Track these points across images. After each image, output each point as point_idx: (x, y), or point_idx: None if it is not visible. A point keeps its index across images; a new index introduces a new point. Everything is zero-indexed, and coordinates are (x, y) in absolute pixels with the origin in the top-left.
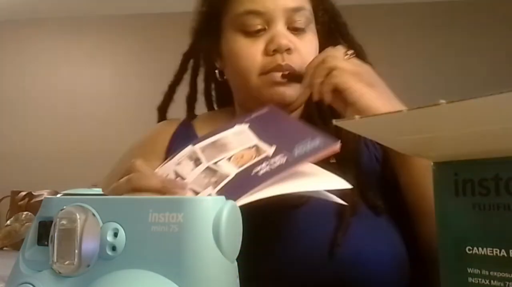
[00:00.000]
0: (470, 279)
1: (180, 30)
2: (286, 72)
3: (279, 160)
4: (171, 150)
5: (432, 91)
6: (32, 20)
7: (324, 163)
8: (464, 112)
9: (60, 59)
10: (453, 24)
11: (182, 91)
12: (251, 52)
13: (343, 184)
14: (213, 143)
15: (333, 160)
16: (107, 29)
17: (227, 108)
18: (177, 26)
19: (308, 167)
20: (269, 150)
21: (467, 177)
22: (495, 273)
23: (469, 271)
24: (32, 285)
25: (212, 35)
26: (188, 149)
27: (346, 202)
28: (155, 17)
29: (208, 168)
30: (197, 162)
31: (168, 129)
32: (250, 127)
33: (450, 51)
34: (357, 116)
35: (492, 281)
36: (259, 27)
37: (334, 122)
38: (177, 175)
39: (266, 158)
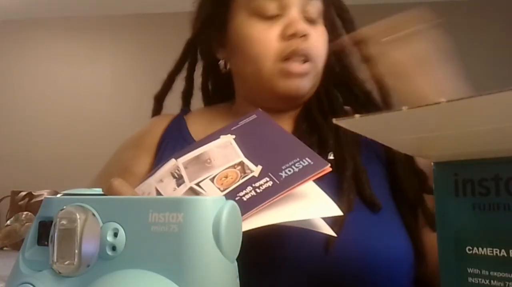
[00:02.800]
0: (470, 279)
1: (180, 30)
2: (302, 58)
3: (266, 184)
4: (163, 145)
5: None
6: (32, 20)
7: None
8: (464, 111)
9: (60, 59)
10: (452, 24)
11: (179, 83)
12: (266, 37)
13: (334, 210)
14: (197, 157)
15: (331, 157)
16: (106, 29)
17: (222, 104)
18: (177, 26)
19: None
20: (255, 169)
21: (467, 177)
22: (495, 273)
23: (469, 271)
24: (32, 285)
25: (219, 22)
26: (171, 163)
27: (342, 199)
28: (155, 17)
29: (190, 189)
30: (179, 181)
31: (159, 124)
32: (236, 139)
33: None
34: (357, 115)
35: (492, 281)
36: (275, 11)
37: (335, 121)
38: (159, 194)
39: (252, 180)
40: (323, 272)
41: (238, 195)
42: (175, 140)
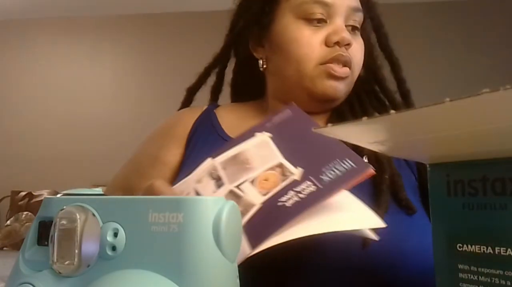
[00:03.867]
0: (460, 275)
1: (180, 30)
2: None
3: (308, 187)
4: (194, 137)
5: (429, 91)
6: (32, 20)
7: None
8: (454, 113)
9: (60, 59)
10: (452, 24)
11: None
12: (311, 40)
13: (378, 222)
14: (234, 157)
15: (365, 160)
16: (107, 29)
17: (252, 101)
18: (177, 26)
19: (339, 196)
20: (295, 172)
21: (458, 178)
22: (482, 270)
23: (459, 267)
24: (32, 285)
25: (265, 21)
26: (208, 163)
27: (379, 200)
28: (155, 17)
29: (231, 192)
30: (218, 182)
31: (190, 116)
32: (272, 138)
33: (448, 51)
34: (329, 124)
35: (480, 277)
36: (321, 17)
37: (313, 129)
38: (198, 195)
39: (293, 184)
40: (359, 269)
41: (280, 200)
42: (207, 133)
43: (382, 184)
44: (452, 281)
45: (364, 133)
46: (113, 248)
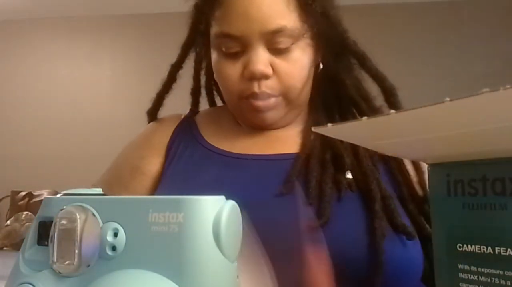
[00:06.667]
0: (460, 275)
1: (179, 30)
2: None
3: None
4: (174, 145)
5: (428, 91)
6: (32, 20)
7: (341, 177)
8: (454, 112)
9: (59, 59)
10: (451, 23)
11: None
12: (230, 74)
13: None
14: None
15: (348, 175)
16: (106, 29)
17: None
18: (177, 26)
19: None
20: None
21: (458, 178)
22: (482, 269)
23: (459, 267)
24: (32, 285)
25: (203, 47)
26: None
27: (374, 231)
28: (155, 17)
29: None
30: None
31: (169, 124)
32: None
33: (447, 51)
34: (329, 124)
35: (480, 277)
36: (237, 49)
37: (313, 129)
38: None
39: None
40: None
41: None
42: (187, 141)
43: (374, 219)
44: (452, 281)
45: (364, 133)
46: (113, 248)
